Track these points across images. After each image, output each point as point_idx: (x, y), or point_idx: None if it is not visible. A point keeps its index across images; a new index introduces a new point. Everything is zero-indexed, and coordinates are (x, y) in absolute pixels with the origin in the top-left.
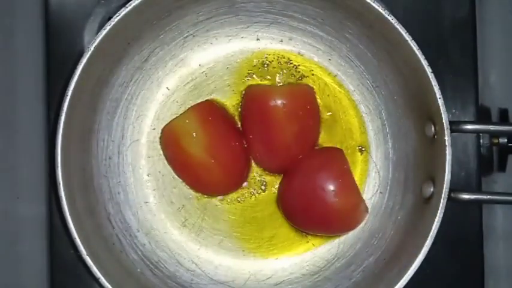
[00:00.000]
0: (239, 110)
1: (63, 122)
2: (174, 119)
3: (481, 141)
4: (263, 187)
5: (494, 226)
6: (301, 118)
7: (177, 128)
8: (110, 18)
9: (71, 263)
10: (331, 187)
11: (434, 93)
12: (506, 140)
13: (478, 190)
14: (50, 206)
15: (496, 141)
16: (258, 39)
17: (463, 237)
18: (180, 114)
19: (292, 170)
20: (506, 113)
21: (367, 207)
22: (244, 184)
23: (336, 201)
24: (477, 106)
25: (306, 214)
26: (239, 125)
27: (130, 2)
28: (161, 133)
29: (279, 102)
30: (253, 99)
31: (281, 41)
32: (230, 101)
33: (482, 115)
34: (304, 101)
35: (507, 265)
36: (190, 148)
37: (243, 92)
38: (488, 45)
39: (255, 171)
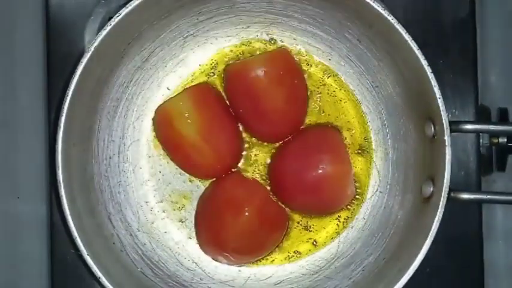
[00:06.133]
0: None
1: (64, 122)
2: (168, 99)
3: (481, 141)
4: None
5: (493, 226)
6: (285, 80)
7: (171, 109)
8: (110, 18)
9: (71, 262)
10: (324, 154)
11: (434, 93)
12: (505, 140)
13: (478, 190)
14: (51, 205)
15: (495, 141)
16: (258, 39)
17: (462, 236)
18: (175, 95)
19: (284, 143)
20: (506, 113)
21: (355, 189)
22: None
23: (329, 168)
24: (477, 106)
25: (296, 182)
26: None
27: (131, 2)
28: (155, 113)
29: (260, 71)
30: (235, 76)
31: (281, 41)
32: None
33: (482, 115)
34: (284, 64)
35: (507, 264)
36: (183, 129)
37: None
38: (488, 45)
39: (249, 160)
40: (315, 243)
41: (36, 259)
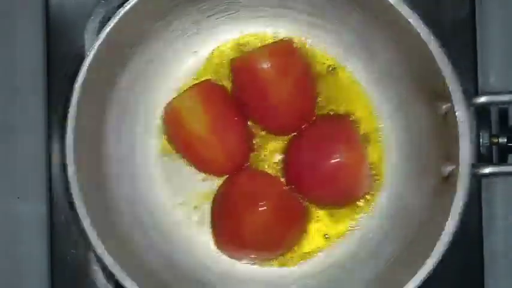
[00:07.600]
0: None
1: (72, 126)
2: (176, 96)
3: (481, 140)
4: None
5: (494, 225)
6: (292, 71)
7: (179, 106)
8: (110, 18)
9: (71, 262)
10: (339, 143)
11: (445, 71)
12: (505, 140)
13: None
14: (51, 205)
15: (495, 140)
16: (261, 33)
17: (462, 236)
18: (182, 92)
19: (298, 134)
20: (506, 113)
21: (372, 178)
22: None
23: (345, 156)
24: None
25: (312, 173)
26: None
27: (131, 2)
28: (163, 112)
29: (266, 63)
30: (241, 69)
31: (286, 33)
32: None
33: (482, 115)
34: (290, 55)
35: (507, 264)
36: (192, 125)
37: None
38: (488, 45)
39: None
40: (328, 236)
41: (36, 259)
